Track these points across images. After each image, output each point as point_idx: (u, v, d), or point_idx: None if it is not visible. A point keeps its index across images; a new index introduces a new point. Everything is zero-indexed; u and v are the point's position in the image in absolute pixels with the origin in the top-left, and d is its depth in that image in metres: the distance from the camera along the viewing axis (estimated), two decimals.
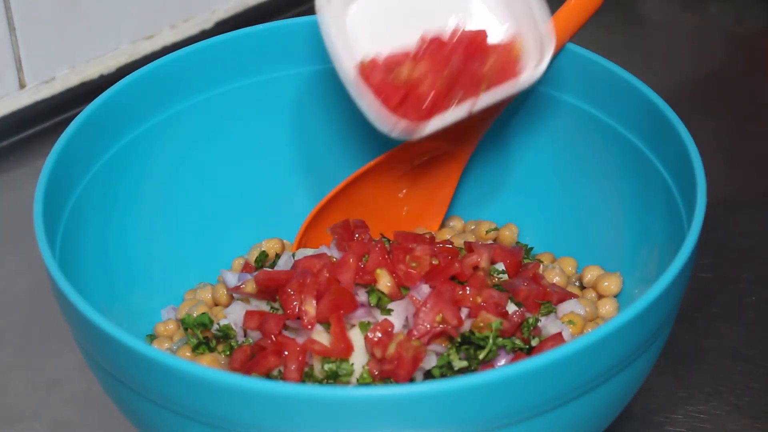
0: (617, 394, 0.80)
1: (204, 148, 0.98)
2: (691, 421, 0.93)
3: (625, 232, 0.94)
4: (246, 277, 0.93)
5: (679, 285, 0.78)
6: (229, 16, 1.33)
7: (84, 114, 0.89)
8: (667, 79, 1.25)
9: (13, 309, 1.06)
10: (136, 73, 0.93)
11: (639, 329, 0.76)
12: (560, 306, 0.91)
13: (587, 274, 0.96)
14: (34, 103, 1.23)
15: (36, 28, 1.20)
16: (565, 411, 0.75)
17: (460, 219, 1.02)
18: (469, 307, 0.85)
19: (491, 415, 0.72)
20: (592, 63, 0.93)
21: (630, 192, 0.93)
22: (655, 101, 0.88)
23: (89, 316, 0.75)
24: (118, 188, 0.93)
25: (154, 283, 0.96)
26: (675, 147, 0.86)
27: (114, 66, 1.26)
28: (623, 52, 1.30)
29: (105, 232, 0.92)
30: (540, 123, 0.98)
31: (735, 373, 0.97)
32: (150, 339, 0.94)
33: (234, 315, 0.91)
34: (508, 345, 0.85)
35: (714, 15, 1.36)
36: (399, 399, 0.71)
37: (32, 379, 0.99)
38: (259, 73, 0.98)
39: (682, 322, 0.92)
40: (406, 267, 0.87)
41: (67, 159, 0.87)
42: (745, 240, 1.08)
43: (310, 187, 1.01)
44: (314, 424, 0.71)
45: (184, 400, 0.74)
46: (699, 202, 0.81)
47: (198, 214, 0.99)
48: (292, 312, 0.85)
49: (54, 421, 0.96)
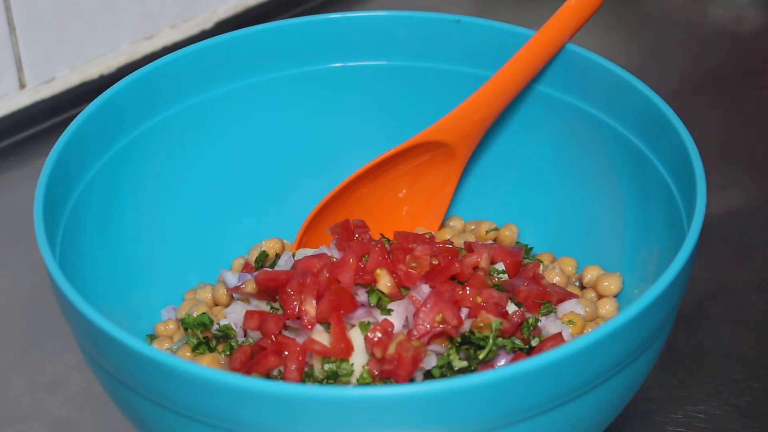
0: (617, 394, 0.80)
1: (204, 148, 0.98)
2: (691, 421, 0.93)
3: (625, 232, 0.94)
4: (246, 277, 0.93)
5: (679, 285, 0.78)
6: (229, 16, 1.33)
7: (84, 114, 0.89)
8: (667, 79, 1.25)
9: (13, 309, 1.06)
10: (136, 73, 0.93)
11: (639, 329, 0.76)
12: (560, 306, 0.91)
13: (587, 274, 0.96)
14: (34, 103, 1.23)
15: (36, 28, 1.20)
16: (565, 411, 0.75)
17: (460, 219, 1.02)
18: (469, 307, 0.85)
19: (491, 415, 0.72)
20: (591, 63, 0.93)
21: (630, 192, 0.93)
22: (655, 101, 0.88)
23: (89, 316, 0.75)
24: (118, 188, 0.93)
25: (154, 283, 0.96)
26: (675, 147, 0.86)
27: (114, 66, 1.26)
28: (623, 52, 1.30)
29: (105, 232, 0.92)
30: (540, 123, 0.98)
31: (735, 373, 0.97)
32: (150, 339, 0.94)
33: (234, 315, 0.91)
34: (508, 345, 0.85)
35: (714, 15, 1.36)
36: (399, 399, 0.71)
37: (32, 379, 0.99)
38: (259, 73, 0.98)
39: (682, 322, 0.92)
40: (406, 267, 0.87)
41: (67, 159, 0.87)
42: (745, 240, 1.08)
43: (310, 187, 1.01)
44: (314, 424, 0.71)
45: (184, 400, 0.74)
46: (699, 202, 0.81)
47: (198, 214, 0.99)
48: (292, 312, 0.85)
49: (54, 421, 0.96)
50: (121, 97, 0.92)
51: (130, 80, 0.92)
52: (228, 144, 0.99)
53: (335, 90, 0.99)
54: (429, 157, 0.98)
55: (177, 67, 0.95)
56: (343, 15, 0.97)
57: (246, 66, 0.97)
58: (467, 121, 0.96)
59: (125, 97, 0.92)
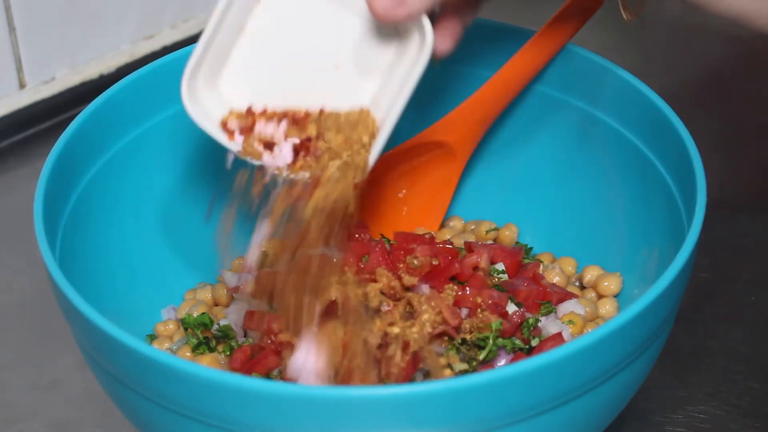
0: (617, 394, 0.80)
1: (204, 148, 0.98)
2: (691, 421, 0.93)
3: (625, 232, 0.94)
4: (246, 277, 0.93)
5: (679, 285, 0.78)
6: None
7: (84, 114, 0.89)
8: (667, 79, 1.25)
9: (13, 309, 1.06)
10: (136, 73, 0.93)
11: (639, 329, 0.76)
12: (560, 306, 0.91)
13: (587, 274, 0.96)
14: (34, 103, 1.23)
15: (36, 28, 1.20)
16: (565, 411, 0.75)
17: (460, 219, 1.02)
18: (469, 307, 0.85)
19: (491, 415, 0.72)
20: (592, 63, 0.93)
21: (630, 192, 0.93)
22: (656, 101, 0.88)
23: (89, 316, 0.75)
24: (118, 188, 0.93)
25: (154, 283, 0.96)
26: (675, 147, 0.86)
27: (114, 66, 1.26)
28: (623, 52, 1.30)
29: (105, 232, 0.92)
30: (540, 123, 0.98)
31: (735, 373, 0.97)
32: (150, 339, 0.94)
33: (234, 315, 0.91)
34: (508, 345, 0.85)
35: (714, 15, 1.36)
36: (399, 399, 0.71)
37: (32, 379, 0.99)
38: None
39: (682, 322, 0.92)
40: (406, 267, 0.87)
41: (67, 159, 0.87)
42: (745, 240, 1.08)
43: None
44: (314, 424, 0.71)
45: (184, 400, 0.74)
46: (699, 202, 0.81)
47: (198, 214, 0.98)
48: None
49: (54, 421, 0.96)
50: (122, 97, 0.92)
51: (130, 80, 0.93)
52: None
53: None
54: (429, 157, 0.98)
55: (177, 67, 0.94)
56: None
57: None
58: (467, 121, 0.96)
59: (125, 97, 0.92)
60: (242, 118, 0.84)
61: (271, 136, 0.84)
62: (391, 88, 0.83)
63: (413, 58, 0.82)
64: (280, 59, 0.85)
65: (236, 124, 0.84)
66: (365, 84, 0.84)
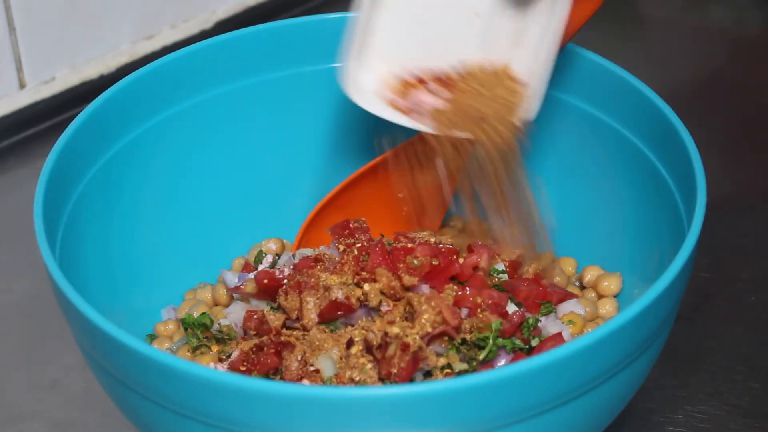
0: (617, 394, 0.80)
1: (204, 148, 0.98)
2: (691, 421, 0.93)
3: (625, 232, 0.94)
4: (246, 277, 0.93)
5: (679, 285, 0.78)
6: (229, 16, 1.33)
7: (84, 114, 0.89)
8: (667, 79, 1.25)
9: (13, 309, 1.06)
10: (136, 73, 0.93)
11: (639, 329, 0.76)
12: (560, 306, 0.91)
13: (587, 274, 0.96)
14: (34, 103, 1.23)
15: (36, 28, 1.20)
16: (565, 411, 0.75)
17: (461, 219, 1.02)
18: (469, 307, 0.85)
19: (491, 415, 0.72)
20: (592, 63, 0.93)
21: (630, 192, 0.93)
22: (656, 102, 0.88)
23: (89, 316, 0.75)
24: (118, 188, 0.93)
25: (154, 283, 0.96)
26: (675, 147, 0.86)
27: (114, 66, 1.26)
28: (623, 52, 1.30)
29: (105, 232, 0.92)
30: (540, 123, 0.98)
31: (735, 373, 0.97)
32: (150, 339, 0.94)
33: (234, 315, 0.91)
34: (508, 345, 0.85)
35: (714, 15, 1.36)
36: (399, 399, 0.71)
37: (32, 379, 0.99)
38: (259, 74, 0.98)
39: (682, 322, 0.92)
40: (406, 267, 0.87)
41: (67, 159, 0.87)
42: (745, 240, 1.08)
43: (310, 187, 1.01)
44: (314, 424, 0.71)
45: (184, 400, 0.74)
46: (699, 202, 0.81)
47: (198, 214, 0.99)
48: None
49: (54, 421, 0.96)
50: (121, 97, 0.92)
51: (130, 80, 0.93)
52: (228, 143, 0.99)
53: (336, 90, 0.99)
54: (429, 157, 0.98)
55: (177, 67, 0.95)
56: (344, 15, 0.97)
57: (246, 66, 0.97)
58: None
59: (125, 97, 0.92)
60: (400, 92, 0.84)
61: (429, 104, 0.83)
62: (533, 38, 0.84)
63: None
64: (422, 18, 0.84)
65: (402, 102, 0.84)
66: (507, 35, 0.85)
